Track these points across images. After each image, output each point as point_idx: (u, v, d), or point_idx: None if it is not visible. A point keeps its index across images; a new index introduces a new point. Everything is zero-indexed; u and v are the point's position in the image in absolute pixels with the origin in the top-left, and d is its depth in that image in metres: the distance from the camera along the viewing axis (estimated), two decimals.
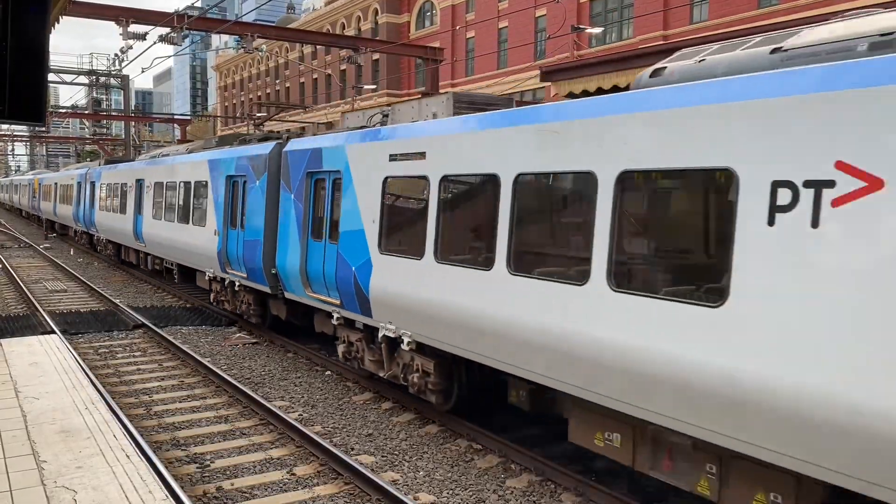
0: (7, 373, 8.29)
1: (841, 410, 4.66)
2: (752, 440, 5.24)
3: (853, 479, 4.70)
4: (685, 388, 5.64)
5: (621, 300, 6.25)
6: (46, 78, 6.18)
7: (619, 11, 41.93)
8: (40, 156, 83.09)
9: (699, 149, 5.69)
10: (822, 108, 4.93)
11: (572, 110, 7.04)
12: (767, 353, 5.10)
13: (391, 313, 9.65)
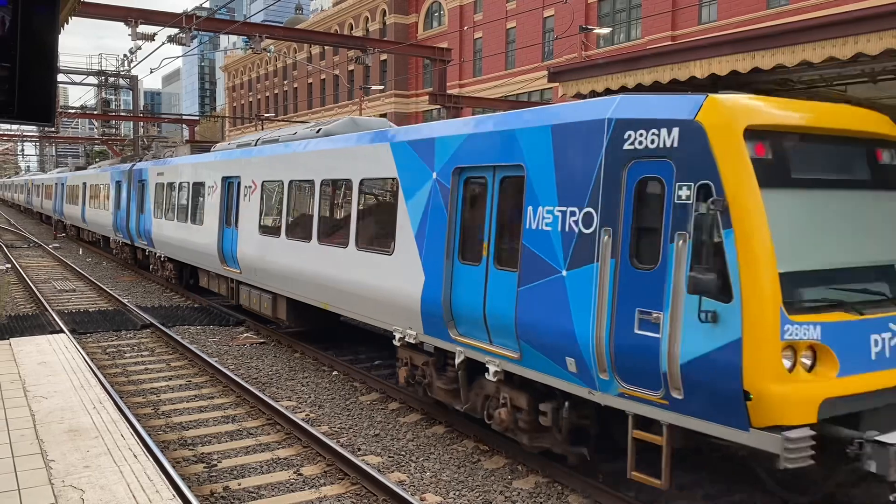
0: (16, 372, 8.33)
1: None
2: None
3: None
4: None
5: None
6: (56, 78, 6.20)
7: (627, 12, 41.85)
8: (49, 156, 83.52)
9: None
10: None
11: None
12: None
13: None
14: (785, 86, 12.74)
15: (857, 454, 5.85)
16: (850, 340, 6.04)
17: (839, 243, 6.54)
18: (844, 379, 5.92)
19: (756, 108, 6.45)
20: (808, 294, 6.10)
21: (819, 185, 6.54)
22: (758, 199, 5.94)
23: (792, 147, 6.44)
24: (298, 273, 12.91)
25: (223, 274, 16.86)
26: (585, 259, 6.99)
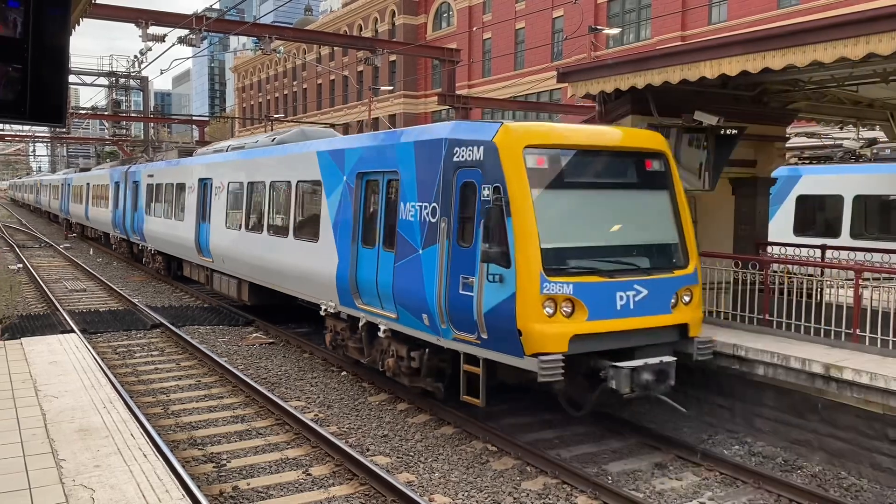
0: (27, 371, 8.38)
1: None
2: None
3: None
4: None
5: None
6: (67, 80, 6.23)
7: (636, 12, 41.74)
8: (61, 156, 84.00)
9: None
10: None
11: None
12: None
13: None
14: (796, 86, 12.68)
15: (606, 376, 8.42)
16: (599, 296, 8.40)
17: (600, 228, 9.12)
18: (592, 322, 8.33)
19: (535, 132, 8.95)
20: (565, 262, 8.51)
21: (584, 186, 9.07)
22: (528, 196, 8.35)
23: (560, 160, 8.89)
24: (255, 260, 15.30)
25: (200, 263, 19.14)
26: (432, 241, 9.37)
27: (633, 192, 9.47)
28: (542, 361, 7.95)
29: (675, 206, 9.61)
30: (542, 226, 8.35)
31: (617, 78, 11.59)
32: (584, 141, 9.31)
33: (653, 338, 8.87)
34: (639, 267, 8.98)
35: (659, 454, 9.12)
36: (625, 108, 12.21)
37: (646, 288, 8.76)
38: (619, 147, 9.55)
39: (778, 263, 11.93)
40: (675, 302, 9.05)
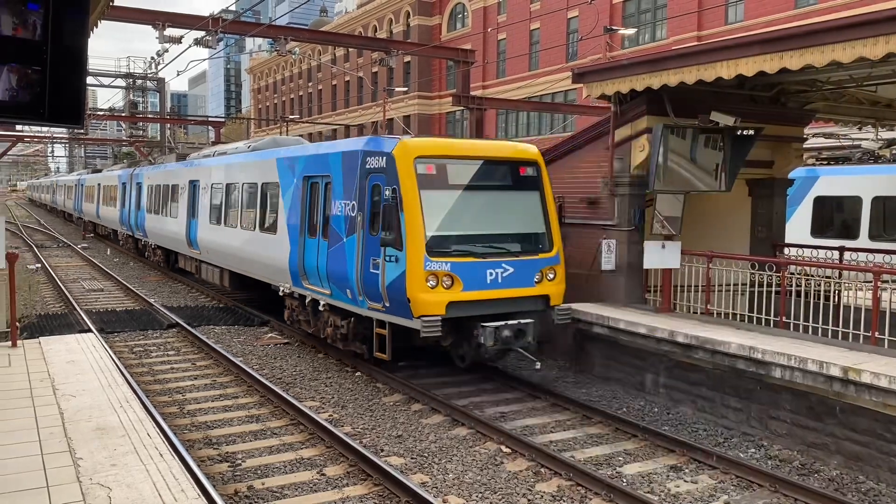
0: (45, 370, 8.46)
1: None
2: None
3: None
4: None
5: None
6: (85, 81, 6.28)
7: (652, 12, 41.54)
8: (78, 157, 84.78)
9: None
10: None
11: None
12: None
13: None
14: (814, 86, 12.57)
15: (477, 333, 10.74)
16: (472, 272, 10.77)
17: (477, 220, 11.37)
18: (466, 292, 10.71)
19: (425, 145, 11.37)
20: (445, 247, 10.83)
21: (465, 187, 11.35)
22: (417, 195, 10.73)
23: (445, 167, 11.15)
24: (232, 251, 17.63)
25: (191, 255, 21.52)
26: (352, 231, 11.80)
27: (508, 193, 11.87)
28: (424, 321, 10.42)
29: (544, 204, 11.96)
30: (428, 218, 10.81)
31: (632, 78, 11.55)
32: (467, 152, 11.69)
33: (519, 305, 11.27)
34: (508, 251, 11.39)
35: (674, 456, 9.08)
36: (640, 109, 12.16)
37: (512, 267, 11.21)
38: (497, 157, 11.92)
39: (795, 265, 11.83)
40: (539, 278, 11.47)
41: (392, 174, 10.99)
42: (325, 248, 12.77)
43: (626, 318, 11.60)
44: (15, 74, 5.80)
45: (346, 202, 12.15)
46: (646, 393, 11.49)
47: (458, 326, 11.08)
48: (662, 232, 12.11)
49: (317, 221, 13.23)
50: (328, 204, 12.81)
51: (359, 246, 11.60)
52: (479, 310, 10.93)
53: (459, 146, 11.96)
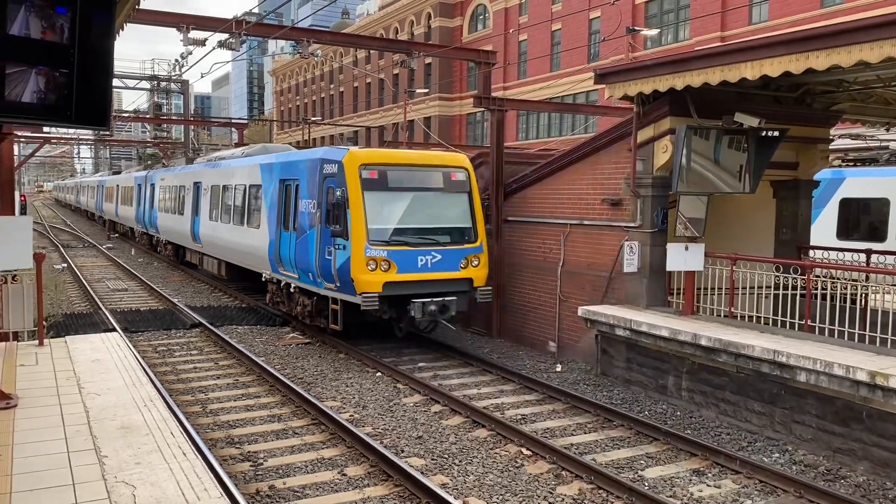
0: (71, 369, 8.57)
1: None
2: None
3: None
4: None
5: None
6: (111, 84, 6.37)
7: (675, 13, 41.22)
8: (104, 158, 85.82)
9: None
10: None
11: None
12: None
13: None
14: (840, 87, 12.40)
15: (409, 308, 13.16)
16: (405, 258, 13.09)
17: (411, 216, 13.71)
18: (400, 274, 13.06)
19: (369, 154, 13.92)
20: (383, 237, 13.22)
21: (402, 189, 13.71)
22: (360, 196, 13.18)
23: (386, 173, 13.54)
24: (226, 244, 20.21)
25: (195, 249, 24.22)
26: (313, 225, 14.24)
27: (440, 194, 14.23)
28: (364, 297, 12.91)
29: (471, 204, 14.41)
30: (369, 214, 13.24)
31: (655, 79, 11.47)
32: (405, 160, 14.27)
33: (447, 286, 13.60)
34: (437, 241, 13.79)
35: (696, 460, 8.99)
36: (663, 110, 12.08)
37: (440, 254, 13.61)
38: (430, 164, 14.34)
39: (821, 268, 11.67)
40: (464, 264, 13.88)
41: (341, 178, 13.47)
42: (294, 239, 15.26)
43: (649, 321, 11.52)
44: (43, 77, 5.89)
45: (310, 201, 14.60)
46: (668, 396, 11.40)
47: (396, 303, 13.50)
48: (685, 234, 12.01)
49: (288, 217, 15.73)
50: (297, 203, 15.27)
51: (317, 237, 14.15)
52: (411, 289, 13.35)
53: (399, 156, 14.87)
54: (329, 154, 14.32)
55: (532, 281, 15.62)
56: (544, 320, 15.22)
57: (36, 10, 5.66)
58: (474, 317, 17.44)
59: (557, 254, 14.79)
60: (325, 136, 77.49)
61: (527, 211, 15.82)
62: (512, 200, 16.25)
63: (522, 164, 17.95)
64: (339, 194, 13.25)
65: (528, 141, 50.14)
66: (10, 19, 5.48)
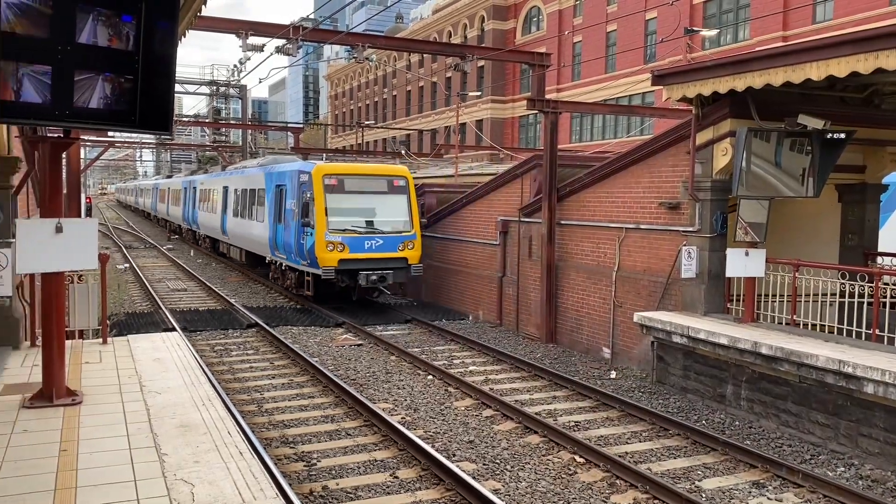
0: (133, 367, 8.80)
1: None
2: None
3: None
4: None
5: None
6: (173, 90, 6.52)
7: (734, 12, 40.30)
8: (165, 162, 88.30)
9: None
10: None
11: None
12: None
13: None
14: None
15: (358, 278, 18.16)
16: (355, 242, 17.97)
17: (361, 212, 18.51)
18: (351, 254, 17.88)
19: (331, 167, 18.95)
20: (339, 227, 18.00)
21: (355, 192, 18.57)
22: (323, 197, 18.08)
23: (343, 180, 18.39)
24: (244, 235, 25.01)
25: (224, 241, 29.33)
26: (294, 218, 18.97)
27: (385, 195, 19.16)
28: (324, 270, 17.83)
29: (409, 203, 19.32)
30: (329, 210, 18.19)
31: (715, 80, 11.21)
32: (358, 171, 19.33)
33: (388, 264, 18.43)
34: (380, 230, 18.68)
35: (756, 472, 8.74)
36: (723, 112, 11.80)
37: (382, 240, 18.48)
38: (378, 174, 19.47)
39: (889, 275, 11.22)
40: (401, 247, 18.67)
41: (310, 184, 18.51)
42: (283, 229, 20.42)
43: (707, 328, 11.25)
44: (109, 83, 6.07)
45: (292, 201, 19.74)
46: (726, 405, 11.11)
47: (349, 274, 18.18)
48: (746, 239, 11.70)
49: (280, 213, 20.77)
50: (283, 202, 20.54)
51: (296, 227, 19.18)
52: (360, 265, 18.18)
53: (354, 167, 19.80)
54: (304, 167, 19.52)
55: (585, 286, 15.44)
56: (598, 326, 15.02)
57: (103, 19, 5.84)
58: (525, 321, 17.33)
59: (612, 258, 14.58)
60: (377, 139, 78.17)
61: (580, 214, 15.65)
62: (565, 204, 16.09)
63: (576, 166, 17.78)
64: (309, 195, 18.50)
65: (581, 143, 49.65)
66: (79, 29, 5.66)
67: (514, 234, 17.85)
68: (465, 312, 19.91)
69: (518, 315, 17.73)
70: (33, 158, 10.37)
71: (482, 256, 19.39)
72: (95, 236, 7.17)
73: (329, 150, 58.52)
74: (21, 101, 5.42)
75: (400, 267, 18.61)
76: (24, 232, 6.81)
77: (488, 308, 19.07)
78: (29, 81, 5.43)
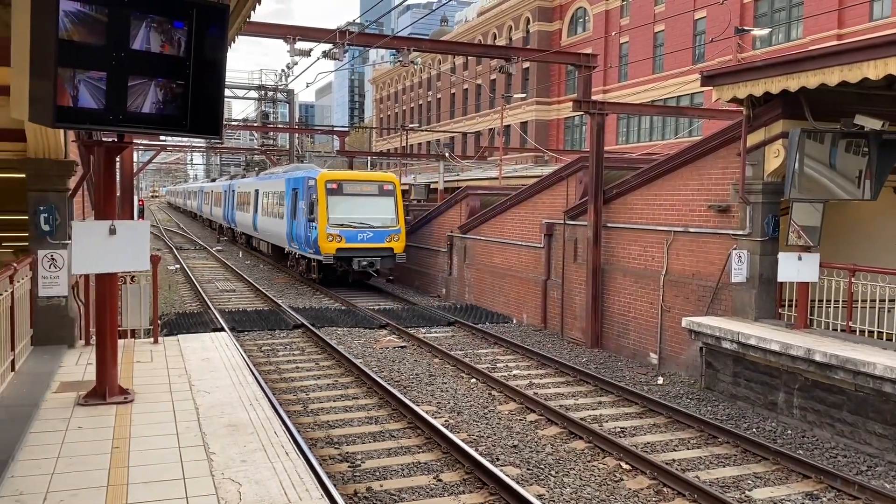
0: (182, 367, 8.97)
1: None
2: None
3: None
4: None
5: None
6: (223, 95, 6.62)
7: (787, 11, 39.35)
8: (214, 165, 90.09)
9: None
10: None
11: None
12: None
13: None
14: None
15: (353, 263, 23.11)
16: (351, 234, 22.85)
17: (357, 210, 23.25)
18: (347, 244, 22.77)
19: (332, 174, 24.61)
20: (337, 222, 22.82)
21: (352, 195, 23.48)
22: (325, 198, 22.96)
23: (342, 185, 23.46)
24: (269, 230, 30.23)
25: (256, 236, 34.47)
26: (304, 216, 24.18)
27: (376, 197, 23.46)
28: (325, 256, 22.32)
29: (396, 204, 23.55)
30: (330, 209, 22.52)
31: (767, 81, 10.96)
32: (354, 177, 24.45)
33: (377, 253, 22.76)
34: (371, 225, 22.82)
35: (809, 482, 8.49)
36: (775, 113, 11.53)
37: (372, 233, 22.74)
38: (370, 180, 24.35)
39: None
40: (388, 239, 22.93)
41: (315, 188, 23.27)
42: (296, 224, 25.21)
43: (758, 334, 10.98)
44: (161, 89, 6.19)
45: (303, 201, 24.36)
46: (777, 413, 10.83)
47: (345, 261, 22.79)
48: (799, 242, 11.39)
49: (294, 211, 25.42)
50: (297, 202, 25.09)
51: (305, 223, 23.96)
52: (354, 253, 22.80)
53: (351, 174, 26.23)
54: (310, 173, 24.45)
55: (632, 290, 15.23)
56: (645, 330, 14.79)
57: (156, 26, 5.96)
58: (570, 325, 17.17)
59: (660, 262, 14.36)
60: (421, 142, 78.44)
61: (627, 217, 15.44)
62: (611, 206, 15.90)
63: (623, 168, 17.56)
64: (314, 197, 23.27)
65: (628, 145, 49.04)
66: (133, 35, 5.79)
67: (559, 237, 17.71)
68: (509, 316, 19.82)
69: (563, 319, 17.58)
70: (88, 162, 10.66)
71: (526, 259, 19.29)
72: (147, 238, 7.32)
73: (373, 154, 59.00)
74: (78, 106, 5.56)
75: (387, 255, 23.25)
76: (79, 233, 7.00)
77: (532, 311, 18.95)
78: (85, 87, 5.57)
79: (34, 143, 9.51)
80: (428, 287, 25.26)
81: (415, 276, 26.53)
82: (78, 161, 10.51)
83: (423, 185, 51.59)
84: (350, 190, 23.35)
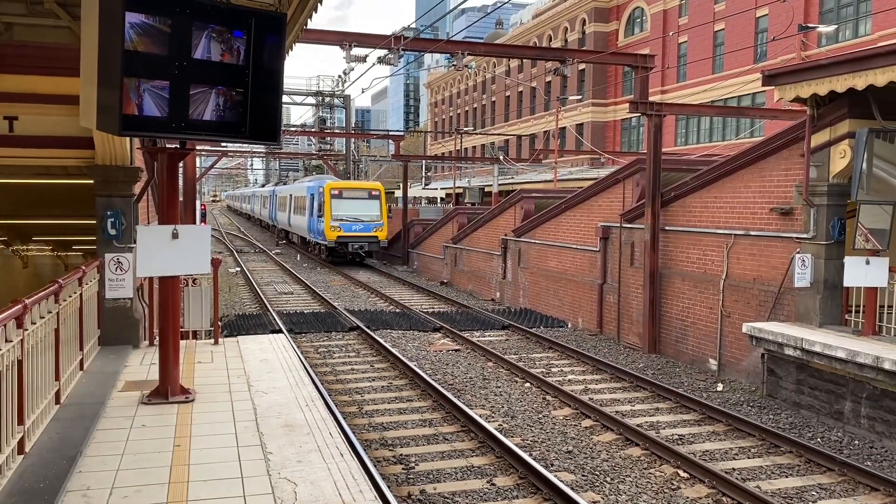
0: (241, 367, 9.17)
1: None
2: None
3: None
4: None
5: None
6: (281, 102, 6.76)
7: (854, 6, 38.02)
8: (273, 170, 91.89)
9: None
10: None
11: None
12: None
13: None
14: None
15: (349, 246, 33.58)
16: (347, 226, 33.40)
17: (352, 209, 33.50)
18: (345, 233, 33.21)
19: (336, 184, 35.29)
20: (338, 218, 33.18)
21: (349, 198, 33.69)
22: (329, 201, 33.28)
23: (342, 191, 33.84)
24: (299, 225, 40.07)
25: (290, 231, 44.00)
26: (316, 213, 34.94)
27: (366, 200, 33.74)
28: (328, 242, 33.19)
29: (380, 205, 33.73)
30: (333, 208, 32.92)
31: (832, 79, 10.62)
32: (351, 186, 35.33)
33: (366, 240, 33.29)
34: (361, 220, 33.13)
35: (878, 495, 8.18)
36: (841, 112, 11.16)
37: (363, 225, 33.12)
38: (363, 187, 35.07)
39: None
40: (374, 230, 33.31)
41: (322, 194, 33.05)
42: (312, 220, 34.85)
43: (823, 341, 10.63)
44: (222, 96, 6.35)
45: (315, 203, 34.16)
46: (844, 423, 10.46)
47: (343, 245, 32.49)
48: (866, 246, 10.98)
49: (311, 210, 34.85)
50: (314, 204, 34.39)
51: (317, 218, 33.78)
52: (349, 240, 32.58)
53: (349, 184, 36.12)
54: (321, 183, 34.19)
55: (691, 294, 14.93)
56: (704, 336, 14.48)
57: (216, 36, 6.12)
58: (627, 330, 16.92)
59: (720, 266, 14.03)
60: (476, 145, 78.45)
61: (686, 220, 15.14)
62: (669, 209, 15.62)
63: (681, 170, 17.24)
64: (323, 200, 32.63)
65: (687, 146, 48.08)
66: (194, 45, 5.96)
67: (616, 241, 17.49)
68: (564, 320, 19.66)
69: (619, 323, 17.35)
70: (152, 168, 11.00)
71: (581, 263, 19.10)
72: (209, 242, 7.52)
73: (428, 157, 59.31)
74: (142, 115, 5.75)
75: (373, 241, 33.13)
76: (143, 237, 7.23)
77: (588, 316, 18.75)
78: (149, 96, 5.76)
79: (102, 150, 9.88)
80: (482, 290, 25.23)
81: (468, 279, 26.54)
82: (143, 167, 10.86)
83: (477, 189, 51.45)
84: (347, 195, 33.17)
